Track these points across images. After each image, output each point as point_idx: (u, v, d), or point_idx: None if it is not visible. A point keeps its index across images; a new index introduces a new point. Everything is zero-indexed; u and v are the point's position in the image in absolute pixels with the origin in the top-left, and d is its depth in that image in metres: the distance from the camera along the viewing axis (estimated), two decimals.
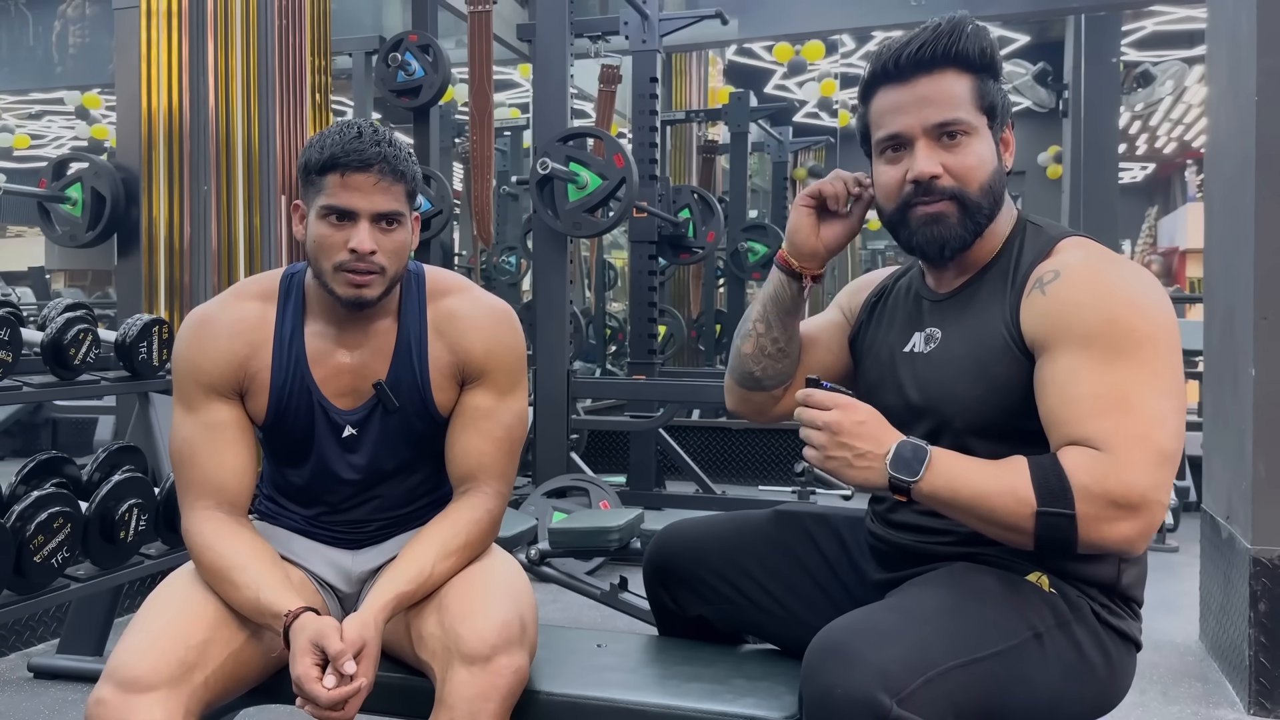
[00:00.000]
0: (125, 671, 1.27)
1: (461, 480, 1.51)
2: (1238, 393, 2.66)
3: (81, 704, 2.49)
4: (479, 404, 1.50)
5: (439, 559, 1.41)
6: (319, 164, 1.40)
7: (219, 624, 1.36)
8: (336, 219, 1.39)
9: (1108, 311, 1.19)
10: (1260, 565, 2.48)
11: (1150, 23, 8.38)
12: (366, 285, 1.41)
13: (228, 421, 1.47)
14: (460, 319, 1.51)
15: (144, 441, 2.74)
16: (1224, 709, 2.53)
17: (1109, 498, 1.11)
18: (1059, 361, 1.20)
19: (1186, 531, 4.21)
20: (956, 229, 1.29)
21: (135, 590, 3.13)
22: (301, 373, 1.48)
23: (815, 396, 1.22)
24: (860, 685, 1.07)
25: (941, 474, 1.17)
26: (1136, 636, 1.31)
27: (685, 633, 1.61)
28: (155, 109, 3.38)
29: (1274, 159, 2.52)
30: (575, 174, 4.03)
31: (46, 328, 2.39)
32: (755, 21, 6.12)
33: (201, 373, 1.46)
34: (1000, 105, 1.31)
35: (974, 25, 1.29)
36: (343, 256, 1.39)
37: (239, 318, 1.48)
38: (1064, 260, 1.26)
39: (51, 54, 7.87)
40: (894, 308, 1.46)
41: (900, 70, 1.29)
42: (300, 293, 1.51)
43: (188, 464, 1.47)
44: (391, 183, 1.40)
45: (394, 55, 4.19)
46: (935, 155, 1.27)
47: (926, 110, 1.27)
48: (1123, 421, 1.14)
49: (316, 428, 1.49)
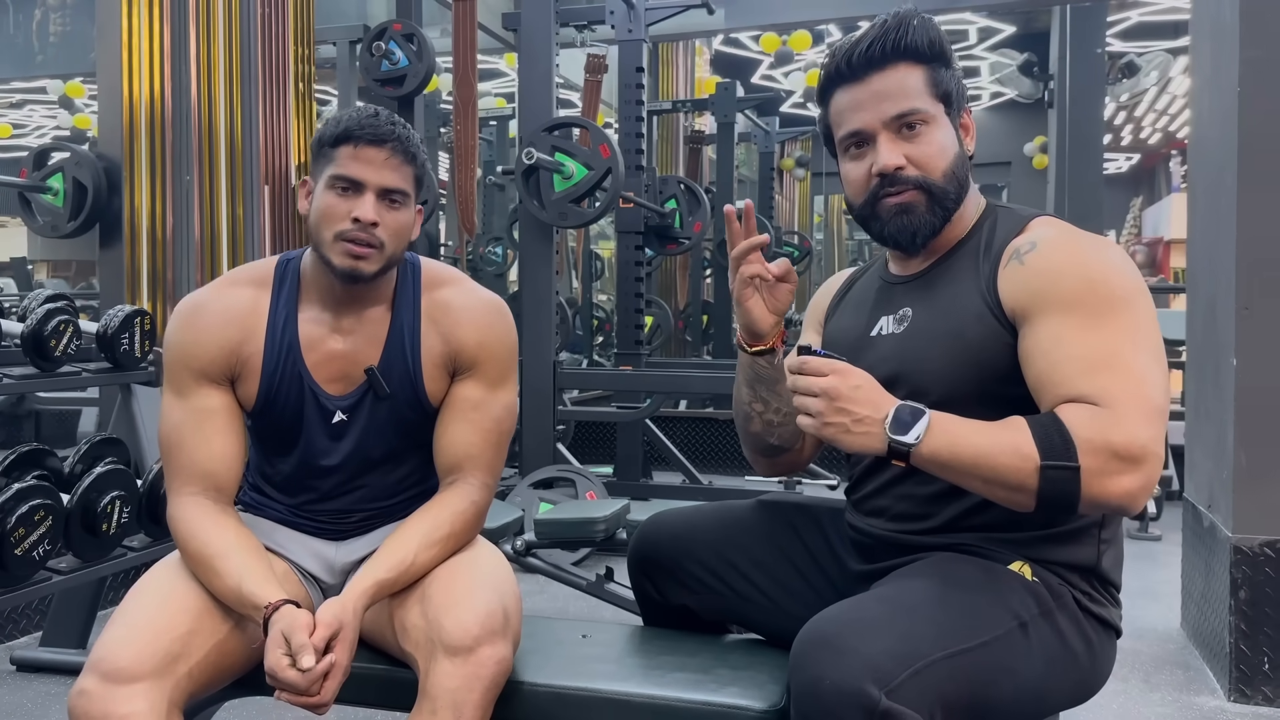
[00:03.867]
0: (109, 663, 1.27)
1: (448, 471, 1.51)
2: (1219, 383, 2.68)
3: (65, 697, 2.48)
4: (469, 395, 1.50)
5: (422, 548, 1.41)
6: (333, 136, 1.42)
7: (203, 615, 1.35)
8: (343, 189, 1.41)
9: (1086, 278, 1.21)
10: (1241, 554, 2.50)
11: (1135, 13, 8.41)
12: (364, 258, 1.41)
13: (217, 408, 1.47)
14: (455, 310, 1.51)
15: (126, 433, 2.73)
16: (1205, 696, 2.55)
17: (1111, 450, 1.12)
18: (1043, 327, 1.21)
19: (1168, 520, 4.25)
20: (926, 216, 1.32)
21: (118, 583, 3.11)
22: (294, 358, 1.48)
23: (810, 363, 1.21)
24: (849, 677, 1.07)
25: (941, 435, 1.16)
26: (1117, 623, 1.32)
27: (670, 622, 1.61)
28: (137, 98, 3.35)
29: (1255, 150, 2.54)
30: (561, 164, 4.02)
31: (27, 319, 2.37)
32: (742, 11, 6.11)
33: (193, 359, 1.46)
34: (955, 91, 1.33)
35: (920, 18, 1.32)
36: (345, 225, 1.40)
37: (232, 304, 1.48)
38: (1039, 234, 1.29)
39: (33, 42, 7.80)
40: (859, 300, 1.49)
41: (854, 69, 1.32)
42: (295, 278, 1.51)
43: (176, 450, 1.46)
44: (402, 162, 1.43)
45: (378, 44, 4.17)
46: (897, 147, 1.30)
47: (884, 104, 1.30)
48: (1114, 378, 1.15)
49: (306, 413, 1.49)
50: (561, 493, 4.05)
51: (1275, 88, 2.52)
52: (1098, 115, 7.23)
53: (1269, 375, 2.52)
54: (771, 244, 6.90)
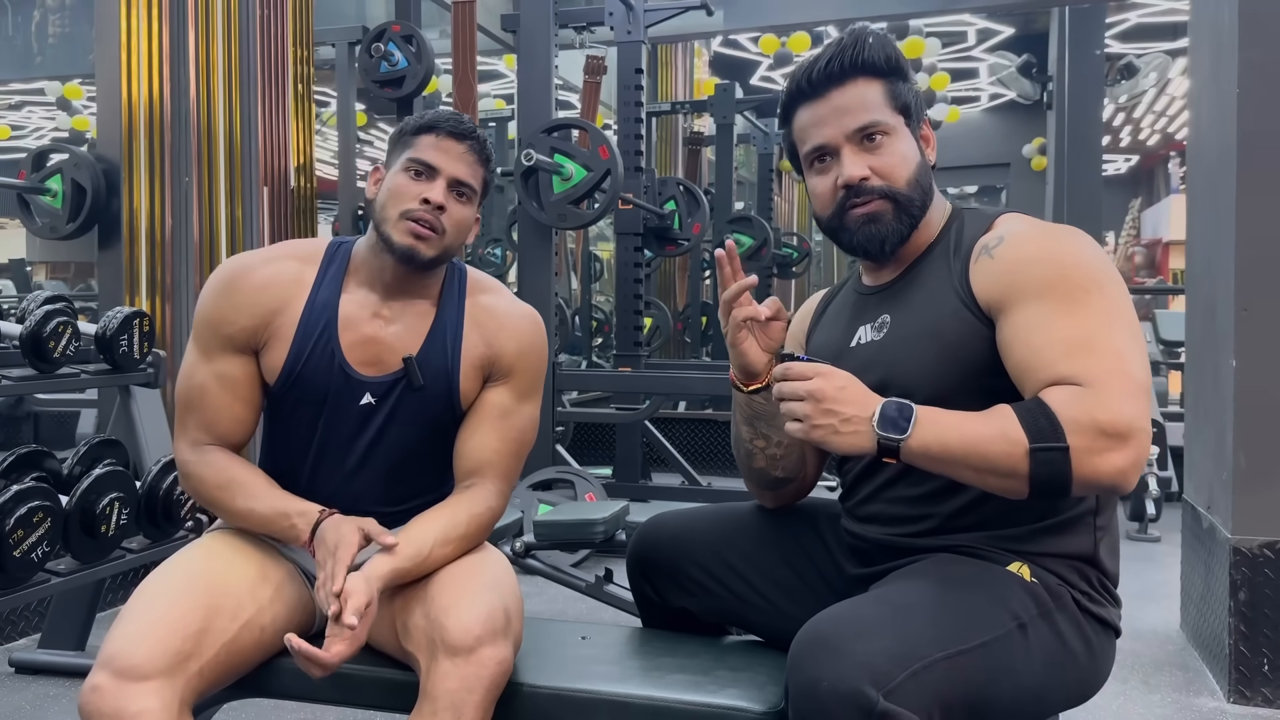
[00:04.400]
0: (122, 660, 1.27)
1: (468, 474, 1.52)
2: (1219, 384, 2.68)
3: (64, 698, 2.48)
4: (500, 402, 1.53)
5: (438, 543, 1.42)
6: (416, 126, 1.49)
7: (214, 614, 1.35)
8: (417, 172, 1.47)
9: (1056, 264, 1.23)
10: (1240, 555, 2.50)
11: (1134, 15, 8.42)
12: (425, 239, 1.45)
13: (241, 376, 1.50)
14: (498, 315, 1.55)
15: (125, 435, 2.72)
16: (1204, 697, 2.55)
17: (1098, 427, 1.12)
18: (1019, 316, 1.23)
19: (1168, 521, 4.25)
20: (893, 224, 1.34)
21: (117, 585, 3.11)
22: (329, 335, 1.49)
23: (794, 368, 1.22)
24: (847, 678, 1.07)
25: (929, 428, 1.17)
26: (1116, 623, 1.33)
27: (669, 624, 1.61)
28: (136, 99, 3.35)
29: (1254, 151, 2.54)
30: (560, 165, 4.02)
31: (25, 321, 2.37)
32: (741, 13, 6.12)
33: (224, 324, 1.48)
34: (914, 104, 1.37)
35: (875, 35, 1.35)
36: (412, 205, 1.45)
37: (275, 273, 1.51)
38: (1006, 228, 1.32)
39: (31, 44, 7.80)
40: (836, 314, 1.52)
41: (814, 86, 1.36)
42: (345, 260, 1.53)
43: (196, 407, 1.49)
44: (476, 160, 1.49)
45: (377, 45, 4.17)
46: (860, 159, 1.33)
47: (845, 118, 1.33)
48: (1093, 359, 1.17)
49: (332, 389, 1.49)
50: (560, 494, 4.04)
51: (1274, 89, 2.52)
52: (1096, 116, 7.24)
53: (1268, 376, 2.52)
54: (771, 246, 6.92)
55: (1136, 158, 14.81)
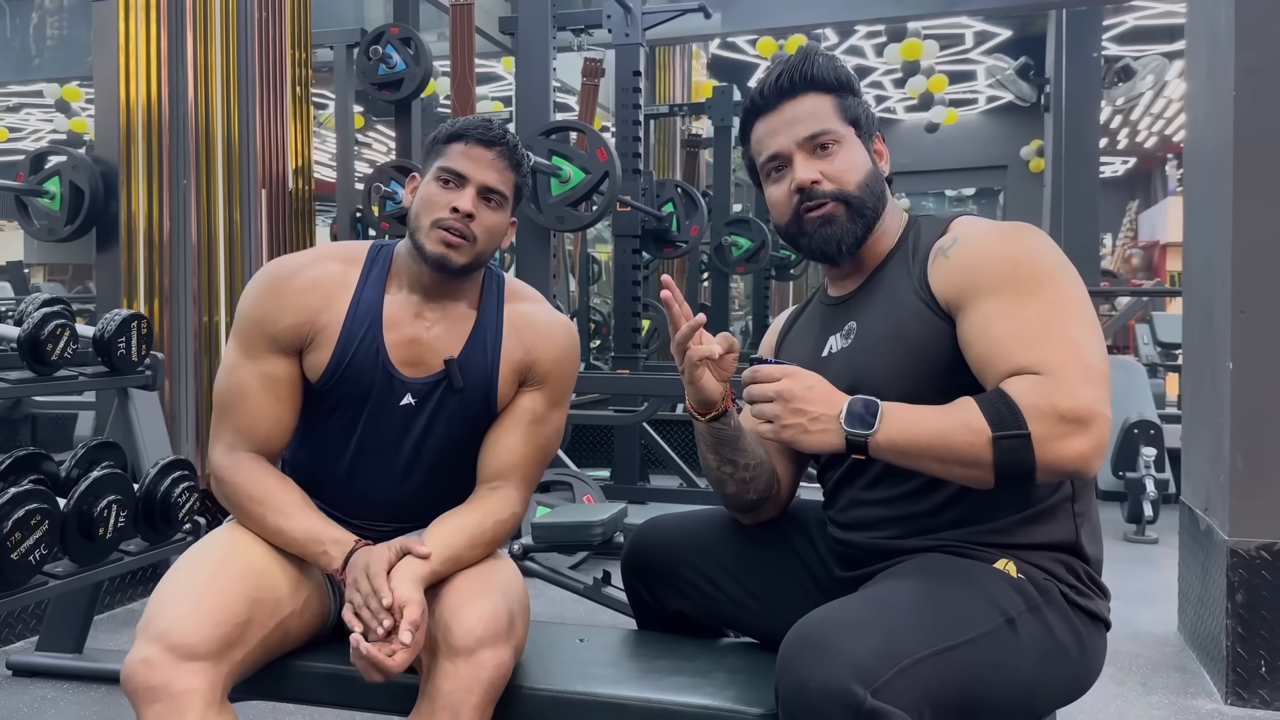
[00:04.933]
0: (176, 635, 1.27)
1: (493, 477, 1.53)
2: (1216, 386, 2.68)
3: (61, 701, 2.48)
4: (532, 407, 1.54)
5: (469, 545, 1.43)
6: (447, 134, 1.50)
7: (257, 605, 1.36)
8: (446, 181, 1.48)
9: (1008, 260, 1.27)
10: (1238, 556, 2.51)
11: (1131, 17, 8.43)
12: (456, 247, 1.46)
13: (284, 377, 1.50)
14: (536, 323, 1.57)
15: (124, 437, 2.72)
16: (1202, 699, 2.56)
17: (1057, 413, 1.15)
18: (976, 311, 1.26)
19: (1165, 523, 4.25)
20: (847, 224, 1.38)
21: (115, 587, 3.11)
22: (374, 333, 1.49)
23: (762, 371, 1.25)
24: (834, 676, 1.08)
25: (895, 423, 1.20)
26: (1105, 615, 1.33)
27: (665, 627, 1.61)
28: (134, 102, 3.35)
29: (1251, 154, 2.54)
30: (558, 168, 4.03)
31: (23, 323, 2.37)
32: (738, 15, 6.13)
33: (269, 323, 1.48)
34: (864, 117, 1.42)
35: (824, 54, 1.43)
36: (443, 214, 1.46)
37: (320, 275, 1.51)
38: (961, 230, 1.37)
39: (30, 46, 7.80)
40: (804, 328, 1.55)
41: (766, 100, 1.42)
42: (387, 263, 1.55)
43: (237, 408, 1.49)
44: (506, 166, 1.50)
45: (375, 48, 4.17)
46: (812, 164, 1.38)
47: (796, 127, 1.39)
48: (1050, 349, 1.20)
49: (376, 388, 1.50)
50: (559, 496, 4.05)
51: (1271, 92, 2.53)
52: (1094, 119, 7.26)
53: (1265, 378, 2.52)
54: (768, 248, 6.93)
55: (1134, 160, 14.83)
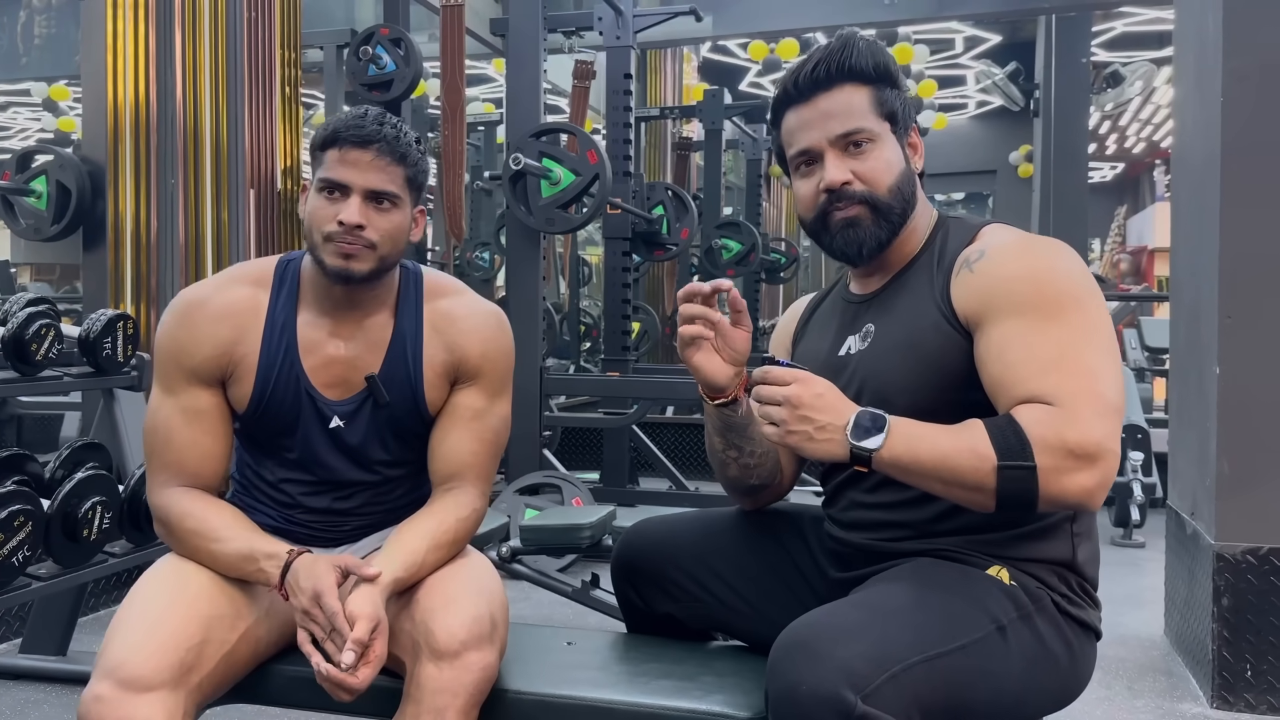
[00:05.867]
0: (126, 670, 1.25)
1: (446, 478, 1.51)
2: (1203, 390, 2.69)
3: (45, 704, 2.46)
4: (470, 404, 1.51)
5: (430, 549, 1.41)
6: (321, 140, 1.43)
7: (212, 624, 1.35)
8: (330, 192, 1.41)
9: (1034, 280, 1.24)
10: (1224, 560, 2.52)
11: (1120, 24, 8.47)
12: (354, 256, 1.41)
13: (207, 409, 1.46)
14: (458, 319, 1.52)
15: (109, 438, 2.71)
16: (1188, 703, 2.56)
17: (1066, 448, 1.14)
18: (995, 331, 1.24)
19: (1152, 527, 4.27)
20: (871, 229, 1.35)
21: (99, 590, 3.09)
22: (291, 360, 1.47)
23: (773, 373, 1.23)
24: (825, 682, 1.07)
25: (901, 440, 1.18)
26: (1096, 625, 1.33)
27: (654, 630, 1.61)
28: (122, 101, 3.33)
29: (1239, 160, 2.55)
30: (548, 170, 4.02)
31: (8, 323, 2.35)
32: (730, 19, 6.14)
33: (185, 356, 1.45)
34: (901, 111, 1.37)
35: (864, 41, 1.36)
36: (332, 228, 1.40)
37: (230, 302, 1.47)
38: (988, 241, 1.32)
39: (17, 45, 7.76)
40: (824, 320, 1.52)
41: (801, 91, 1.36)
42: (295, 280, 1.50)
43: (164, 446, 1.46)
44: (389, 163, 1.41)
45: (365, 49, 4.16)
46: (844, 164, 1.34)
47: (830, 123, 1.34)
48: (1066, 378, 1.18)
49: (302, 417, 1.48)
50: (547, 499, 4.04)
51: (1258, 97, 2.54)
52: (1083, 124, 7.29)
53: (1251, 383, 2.53)
54: (759, 251, 6.93)
55: (1122, 165, 14.90)
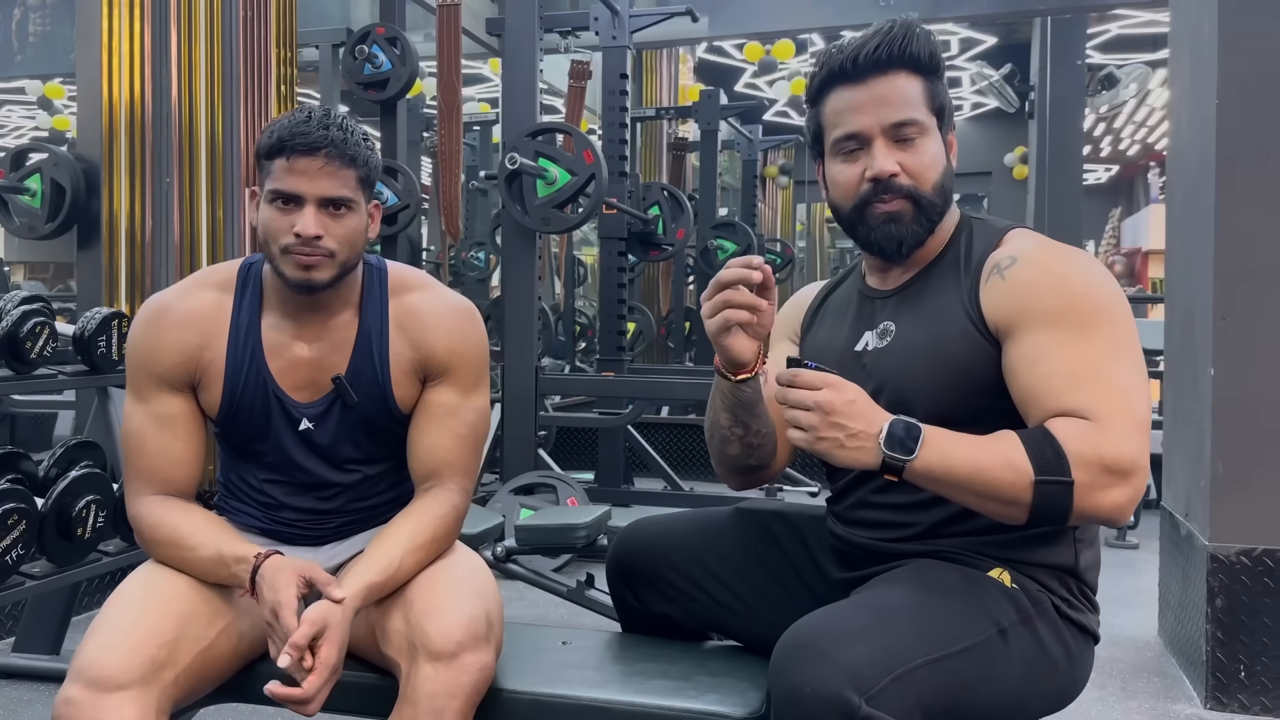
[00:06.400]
0: (95, 670, 1.25)
1: (425, 477, 1.50)
2: (1197, 392, 2.70)
3: (38, 703, 2.45)
4: (443, 401, 1.49)
5: (407, 552, 1.40)
6: (267, 148, 1.40)
7: (188, 621, 1.34)
8: (283, 203, 1.39)
9: (1068, 291, 1.22)
10: (1218, 562, 2.52)
11: (1115, 26, 8.48)
12: (315, 267, 1.39)
13: (178, 414, 1.46)
14: (423, 315, 1.50)
15: (103, 437, 2.70)
16: (1182, 703, 2.57)
17: (1103, 464, 1.13)
18: (1028, 342, 1.22)
19: (1146, 528, 4.28)
20: (912, 226, 1.32)
21: (93, 588, 3.08)
22: (258, 364, 1.46)
23: (803, 376, 1.19)
24: (829, 683, 1.07)
25: (935, 451, 1.16)
26: (1095, 629, 1.33)
27: (649, 630, 1.61)
28: (117, 99, 3.32)
29: (1233, 162, 2.56)
30: (544, 169, 4.02)
31: (1, 321, 2.35)
32: (726, 19, 6.13)
33: (154, 363, 1.45)
34: (947, 107, 1.35)
35: (923, 28, 1.32)
36: (288, 240, 1.38)
37: (194, 307, 1.47)
38: (1017, 247, 1.30)
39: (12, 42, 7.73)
40: (838, 311, 1.48)
41: (858, 70, 1.31)
42: (258, 283, 1.49)
43: (136, 453, 1.46)
44: (340, 167, 1.39)
45: (361, 48, 4.16)
46: (893, 154, 1.30)
47: (884, 110, 1.30)
48: (1100, 393, 1.17)
49: (273, 420, 1.48)
50: (542, 499, 4.03)
51: (1253, 100, 2.54)
52: (1077, 126, 7.29)
53: (1246, 385, 2.54)
54: (754, 252, 6.94)
55: (1117, 167, 14.93)
